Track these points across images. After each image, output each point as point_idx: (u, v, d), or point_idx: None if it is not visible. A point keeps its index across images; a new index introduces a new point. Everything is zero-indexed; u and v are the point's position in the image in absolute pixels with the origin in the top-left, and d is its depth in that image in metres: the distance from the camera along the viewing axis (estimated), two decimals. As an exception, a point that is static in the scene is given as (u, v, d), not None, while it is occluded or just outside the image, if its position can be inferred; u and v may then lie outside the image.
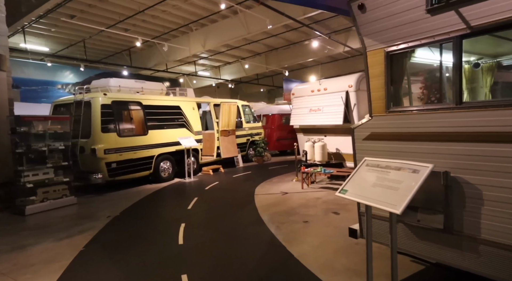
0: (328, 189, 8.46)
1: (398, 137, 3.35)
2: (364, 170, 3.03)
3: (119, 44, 19.73)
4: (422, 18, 3.04)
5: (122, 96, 9.45)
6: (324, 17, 17.68)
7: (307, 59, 23.02)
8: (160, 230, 5.78)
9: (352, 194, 2.86)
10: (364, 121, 3.71)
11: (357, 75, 8.58)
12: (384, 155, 3.45)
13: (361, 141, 3.73)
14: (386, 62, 3.40)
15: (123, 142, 9.08)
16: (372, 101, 3.60)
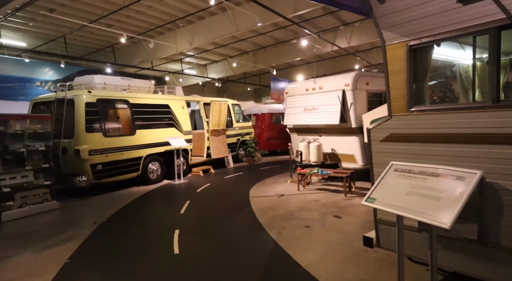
0: (324, 190, 8.19)
1: (422, 138, 3.06)
2: (392, 176, 2.73)
3: (102, 41, 18.95)
4: (452, 8, 2.76)
5: (108, 94, 8.91)
6: (312, 15, 17.47)
7: (295, 58, 22.79)
8: (152, 238, 5.35)
9: (382, 203, 2.55)
10: (382, 121, 3.42)
11: (354, 73, 8.34)
12: (405, 158, 3.16)
13: (379, 143, 3.43)
14: (409, 57, 3.11)
15: (109, 142, 8.55)
16: (392, 100, 3.30)
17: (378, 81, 8.70)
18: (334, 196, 7.55)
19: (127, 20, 16.23)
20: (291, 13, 14.47)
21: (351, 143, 8.43)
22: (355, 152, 8.39)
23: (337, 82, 8.52)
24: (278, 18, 14.75)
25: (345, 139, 8.56)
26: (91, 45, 19.57)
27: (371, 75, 8.64)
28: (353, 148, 8.41)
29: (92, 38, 18.44)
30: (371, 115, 7.74)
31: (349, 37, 19.78)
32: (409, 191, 2.48)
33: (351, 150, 8.47)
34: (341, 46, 19.89)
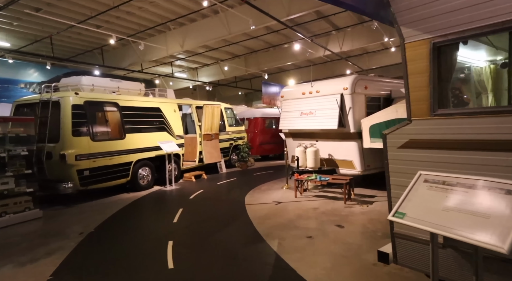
0: (322, 197, 7.88)
1: (448, 145, 2.78)
2: (423, 188, 2.43)
3: (90, 42, 18.39)
4: (485, 1, 2.49)
5: (96, 96, 8.46)
6: (304, 20, 17.31)
7: (286, 62, 22.64)
8: (144, 250, 4.93)
9: (414, 219, 2.24)
10: (400, 126, 3.13)
11: (353, 77, 8.11)
12: (427, 166, 2.87)
13: (396, 150, 3.14)
14: (432, 56, 2.83)
15: (97, 147, 8.08)
16: (412, 103, 3.02)
17: (376, 85, 8.49)
18: (333, 204, 7.25)
19: (116, 21, 15.75)
20: (284, 16, 14.25)
21: (349, 148, 8.17)
22: (354, 157, 8.13)
23: (335, 86, 8.27)
24: (271, 22, 14.52)
25: (343, 144, 8.30)
26: (78, 46, 18.99)
27: (370, 79, 8.43)
28: (352, 153, 8.15)
29: (79, 39, 17.87)
30: (370, 120, 7.52)
31: (341, 42, 19.71)
32: (447, 206, 2.18)
33: (349, 156, 8.21)
34: (333, 51, 19.84)
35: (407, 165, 3.01)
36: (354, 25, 18.42)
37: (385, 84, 8.76)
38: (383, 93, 8.57)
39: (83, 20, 14.69)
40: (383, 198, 7.49)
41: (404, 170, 3.08)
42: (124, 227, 6.24)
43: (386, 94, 8.60)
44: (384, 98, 8.59)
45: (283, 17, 14.11)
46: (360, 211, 6.59)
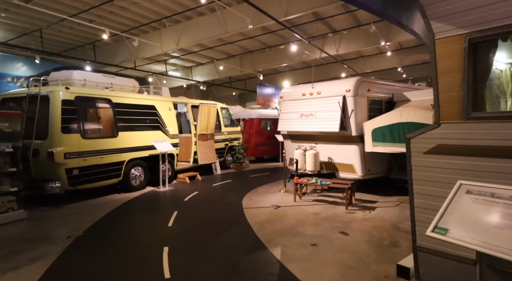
0: (322, 202, 7.61)
1: (483, 152, 2.52)
2: (467, 200, 2.15)
3: (82, 37, 17.83)
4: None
5: (88, 92, 8.03)
6: (301, 21, 17.12)
7: (282, 63, 22.40)
8: (138, 258, 4.57)
9: (461, 236, 1.96)
10: (426, 129, 2.86)
11: (356, 79, 7.86)
12: (458, 174, 2.61)
13: (421, 155, 2.87)
14: (468, 53, 2.57)
15: (88, 145, 7.67)
16: (441, 104, 2.75)
17: (379, 88, 8.27)
18: (334, 209, 6.98)
19: (110, 16, 15.27)
20: (282, 16, 14.01)
21: (350, 152, 7.92)
22: (355, 161, 7.89)
23: (337, 88, 8.02)
24: (268, 21, 14.26)
25: (343, 147, 8.05)
26: (69, 41, 18.40)
27: (372, 81, 8.21)
28: (353, 157, 7.90)
29: (71, 33, 17.31)
30: (373, 123, 7.28)
31: (337, 45, 19.57)
32: (502, 222, 1.91)
33: (350, 160, 7.97)
34: (330, 53, 19.68)
35: (434, 173, 2.75)
36: (351, 28, 18.29)
37: (388, 87, 8.55)
38: (385, 96, 8.35)
39: (75, 14, 14.17)
40: (384, 204, 7.26)
41: (431, 177, 2.81)
42: (116, 230, 5.85)
43: (388, 97, 8.39)
44: (386, 101, 8.37)
45: (281, 17, 13.86)
46: (363, 217, 6.33)
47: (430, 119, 6.37)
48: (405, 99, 8.03)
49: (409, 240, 5.04)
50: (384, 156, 8.03)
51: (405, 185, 8.01)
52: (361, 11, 16.07)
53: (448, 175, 2.66)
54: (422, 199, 2.88)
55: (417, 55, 22.61)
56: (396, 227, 5.71)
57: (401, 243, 4.96)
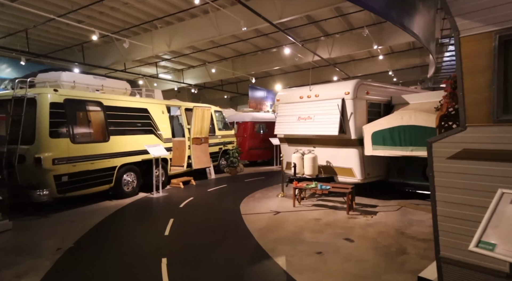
0: (322, 207, 7.41)
1: (517, 157, 2.34)
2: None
3: (70, 38, 17.35)
4: None
5: (78, 94, 7.68)
6: (294, 25, 17.03)
7: (274, 67, 22.30)
8: (135, 270, 4.26)
9: None
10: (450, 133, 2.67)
11: (355, 81, 7.72)
12: (490, 181, 2.43)
13: (445, 161, 2.68)
14: (498, 51, 2.39)
15: (77, 149, 7.31)
16: (467, 107, 2.57)
17: (377, 90, 8.14)
18: (335, 214, 6.78)
19: (99, 16, 14.88)
20: (277, 19, 13.87)
21: (349, 155, 7.76)
22: (354, 165, 7.72)
23: (336, 90, 7.86)
24: (262, 24, 14.12)
25: (342, 151, 7.89)
26: (57, 42, 17.90)
27: (371, 84, 8.08)
28: (352, 161, 7.74)
29: (58, 34, 16.82)
30: (372, 126, 7.14)
31: (330, 48, 19.54)
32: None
33: (349, 163, 7.80)
34: (322, 56, 19.64)
35: (460, 179, 2.56)
36: (343, 31, 18.29)
37: (386, 90, 8.44)
38: (384, 99, 8.23)
39: (63, 14, 13.74)
40: (385, 209, 7.10)
41: (456, 184, 2.62)
42: (109, 241, 5.52)
43: (386, 100, 8.27)
44: (385, 104, 8.25)
45: (275, 20, 13.73)
46: (366, 222, 6.15)
47: (433, 122, 6.24)
48: (403, 102, 7.92)
49: (416, 246, 4.88)
50: (382, 160, 7.89)
51: (404, 189, 7.90)
52: (354, 15, 16.06)
53: (477, 182, 2.48)
54: (446, 207, 2.69)
55: (408, 59, 22.77)
56: (401, 233, 5.54)
57: (409, 250, 4.78)
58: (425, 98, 7.43)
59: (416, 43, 20.94)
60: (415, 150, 6.45)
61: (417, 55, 22.28)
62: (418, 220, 6.14)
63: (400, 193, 8.09)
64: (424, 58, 22.33)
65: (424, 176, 7.23)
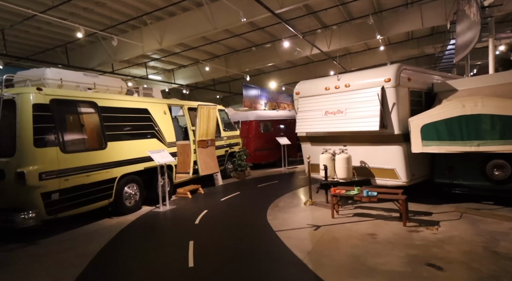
0: (365, 216, 6.20)
1: None
2: None
3: (52, 38, 15.65)
4: None
5: (66, 94, 6.23)
6: (291, 16, 15.84)
7: (269, 63, 21.08)
8: None
9: None
10: None
11: (396, 65, 6.53)
12: None
13: None
14: None
15: (69, 160, 5.88)
16: None
17: (420, 77, 7.00)
18: (388, 226, 5.56)
19: (83, 13, 13.31)
20: (278, 8, 12.68)
21: (391, 154, 6.58)
22: (397, 165, 6.56)
23: (372, 78, 6.66)
24: (262, 14, 12.90)
25: (381, 149, 6.71)
26: (38, 43, 16.16)
27: (413, 69, 6.92)
28: (394, 160, 6.57)
29: (39, 34, 15.11)
30: (422, 118, 5.98)
31: (329, 41, 18.47)
32: None
33: (391, 163, 6.63)
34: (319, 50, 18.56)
35: None
36: (342, 22, 17.26)
37: (427, 76, 7.32)
38: (425, 87, 7.10)
39: (42, 11, 12.10)
40: (444, 216, 5.92)
41: None
42: (119, 278, 4.16)
43: (427, 88, 7.14)
44: (426, 92, 7.13)
45: (276, 9, 12.54)
46: (435, 237, 4.95)
47: (510, 109, 5.14)
48: (449, 89, 6.78)
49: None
50: (425, 157, 6.77)
51: (454, 191, 6.77)
52: (354, 4, 15.05)
53: None
54: None
55: (405, 50, 21.93)
56: (493, 252, 4.30)
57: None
58: (479, 82, 6.31)
59: (414, 33, 20.14)
60: (483, 144, 5.32)
61: (415, 46, 21.50)
62: (500, 233, 4.94)
63: (450, 195, 6.95)
64: (423, 48, 21.56)
65: (484, 176, 6.09)
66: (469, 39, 8.14)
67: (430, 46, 21.27)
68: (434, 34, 20.50)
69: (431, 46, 21.20)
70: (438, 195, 7.07)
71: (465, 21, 8.61)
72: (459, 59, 9.23)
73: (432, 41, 21.04)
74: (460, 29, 8.89)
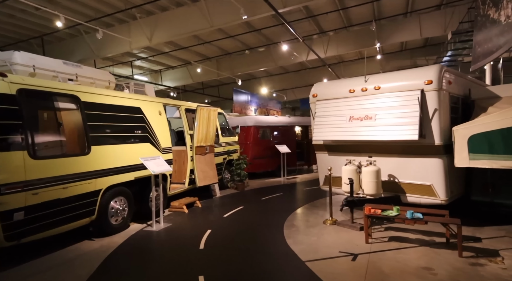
0: (405, 242, 5.15)
1: None
2: None
3: (26, 29, 13.98)
4: None
5: (40, 83, 4.88)
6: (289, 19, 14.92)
7: (262, 68, 20.08)
8: None
9: None
10: None
11: (437, 66, 5.60)
12: None
13: None
14: None
15: (41, 168, 4.51)
16: None
17: (459, 81, 6.11)
18: (441, 257, 4.47)
19: (63, 2, 11.84)
20: (281, 7, 11.75)
21: (428, 167, 5.60)
22: (435, 181, 5.58)
23: (409, 80, 5.69)
24: (264, 13, 11.94)
25: (416, 161, 5.72)
26: (10, 33, 14.41)
27: (453, 72, 6.02)
28: (432, 175, 5.59)
29: (11, 23, 13.38)
30: (470, 127, 5.02)
31: (325, 47, 17.71)
32: None
33: (428, 178, 5.64)
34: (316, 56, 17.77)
35: None
36: (339, 28, 16.58)
37: (465, 81, 6.44)
38: (462, 92, 6.21)
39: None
40: (498, 243, 4.94)
41: None
42: None
43: (464, 94, 6.25)
44: (463, 99, 6.24)
45: (279, 9, 11.58)
46: (507, 273, 3.95)
47: None
48: (491, 96, 5.92)
49: None
50: (460, 171, 5.84)
51: (495, 210, 5.85)
52: (355, 10, 14.37)
53: None
54: None
55: (398, 61, 21.53)
56: None
57: None
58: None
59: (408, 44, 19.76)
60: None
61: (408, 57, 21.14)
62: None
63: (489, 215, 6.04)
64: (415, 60, 21.21)
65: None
66: (497, 44, 7.36)
67: (422, 58, 20.97)
68: (427, 46, 20.21)
69: (424, 58, 20.90)
70: (473, 215, 6.14)
71: (490, 27, 7.86)
72: (479, 67, 8.49)
73: (424, 53, 20.77)
74: (483, 36, 8.16)
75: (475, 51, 8.89)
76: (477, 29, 8.84)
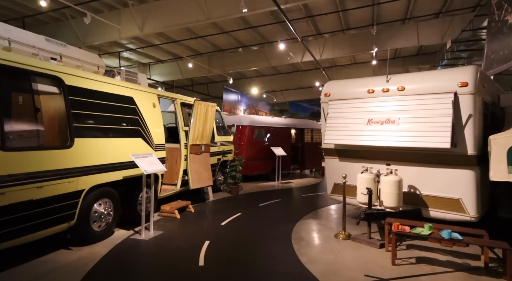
0: (434, 264, 4.53)
1: None
2: None
3: (6, 8, 12.70)
4: None
5: (16, 60, 3.95)
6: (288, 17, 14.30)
7: (255, 67, 19.39)
8: None
9: None
10: None
11: (474, 67, 5.03)
12: None
13: None
14: None
15: (11, 162, 3.60)
16: None
17: (492, 85, 5.60)
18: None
19: (49, -19, 10.76)
20: (283, 3, 11.13)
21: (457, 179, 5.03)
22: (465, 194, 5.01)
23: (440, 80, 5.10)
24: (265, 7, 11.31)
25: (443, 172, 5.14)
26: (-14, 12, 13.11)
27: (487, 76, 5.49)
28: (462, 188, 5.02)
29: (-11, 1, 12.17)
30: (510, 137, 4.47)
31: (321, 49, 17.21)
32: None
33: (456, 192, 5.07)
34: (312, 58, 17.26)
35: None
36: (336, 31, 16.15)
37: (496, 87, 5.94)
38: (492, 99, 5.69)
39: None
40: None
41: None
42: None
43: (493, 100, 5.74)
44: (492, 105, 5.72)
45: (282, 4, 10.95)
46: None
47: None
48: (520, 105, 5.44)
49: None
50: (487, 186, 5.31)
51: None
52: (355, 12, 13.94)
53: None
54: None
55: (390, 68, 21.26)
56: None
57: None
58: None
59: (401, 51, 19.55)
60: None
61: (400, 65, 20.95)
62: None
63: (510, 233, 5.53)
64: (407, 67, 21.05)
65: None
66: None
67: (414, 66, 20.86)
68: (420, 54, 20.10)
69: (416, 66, 20.80)
70: (499, 233, 5.62)
71: (508, 32, 7.46)
72: (492, 74, 8.11)
73: (417, 61, 20.68)
74: (498, 42, 7.79)
75: (488, 58, 8.50)
76: (490, 35, 8.47)
